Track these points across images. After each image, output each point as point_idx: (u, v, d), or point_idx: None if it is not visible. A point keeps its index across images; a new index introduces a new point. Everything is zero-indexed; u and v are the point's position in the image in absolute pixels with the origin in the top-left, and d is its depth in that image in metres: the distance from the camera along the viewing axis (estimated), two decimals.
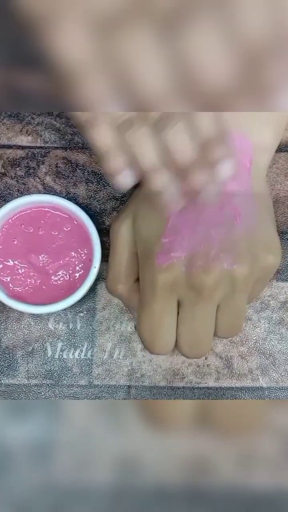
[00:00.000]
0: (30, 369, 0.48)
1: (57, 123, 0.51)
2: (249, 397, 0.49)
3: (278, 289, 0.50)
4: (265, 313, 0.49)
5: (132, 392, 0.48)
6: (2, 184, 0.50)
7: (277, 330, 0.49)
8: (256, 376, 0.49)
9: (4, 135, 0.51)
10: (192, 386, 0.49)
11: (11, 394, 0.48)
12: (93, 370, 0.48)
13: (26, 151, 0.50)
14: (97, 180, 0.50)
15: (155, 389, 0.48)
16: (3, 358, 0.48)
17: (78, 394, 0.48)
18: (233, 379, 0.49)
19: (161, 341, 0.43)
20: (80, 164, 0.50)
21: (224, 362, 0.49)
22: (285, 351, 0.49)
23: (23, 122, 0.51)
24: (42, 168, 0.50)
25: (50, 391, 0.48)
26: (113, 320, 0.49)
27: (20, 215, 0.47)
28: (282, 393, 0.49)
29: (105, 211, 0.50)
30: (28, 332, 0.49)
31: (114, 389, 0.48)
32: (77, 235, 0.46)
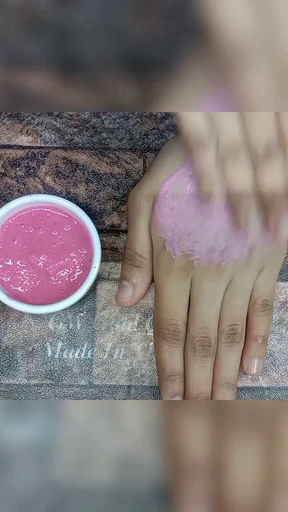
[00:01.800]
0: (30, 369, 0.48)
1: (57, 123, 0.51)
2: (249, 397, 0.49)
3: (278, 289, 0.50)
4: None
5: (132, 392, 0.48)
6: (2, 184, 0.50)
7: (277, 330, 0.49)
8: (256, 376, 0.49)
9: (4, 135, 0.51)
10: None
11: (11, 394, 0.48)
12: (93, 370, 0.48)
13: (26, 151, 0.50)
14: (97, 180, 0.50)
15: (155, 389, 0.48)
16: (3, 358, 0.48)
17: (78, 394, 0.48)
18: None
19: (176, 311, 0.46)
20: (80, 164, 0.50)
21: None
22: (285, 351, 0.49)
23: (23, 122, 0.51)
24: (42, 168, 0.50)
25: (50, 391, 0.48)
26: (113, 320, 0.49)
27: (20, 215, 0.47)
28: (282, 393, 0.49)
29: (105, 211, 0.50)
30: (28, 332, 0.49)
31: (114, 389, 0.48)
32: (77, 235, 0.46)
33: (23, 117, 0.51)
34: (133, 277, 0.47)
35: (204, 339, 0.45)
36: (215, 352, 0.46)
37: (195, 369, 0.45)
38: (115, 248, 0.50)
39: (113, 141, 0.51)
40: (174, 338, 0.46)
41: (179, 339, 0.46)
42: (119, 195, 0.50)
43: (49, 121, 0.51)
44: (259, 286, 0.46)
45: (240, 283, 0.46)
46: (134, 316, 0.49)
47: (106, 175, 0.50)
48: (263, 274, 0.46)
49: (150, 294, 0.49)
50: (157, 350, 0.47)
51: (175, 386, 0.45)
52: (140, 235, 0.47)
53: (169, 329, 0.46)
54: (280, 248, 0.46)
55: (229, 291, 0.46)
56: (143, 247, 0.47)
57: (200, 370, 0.45)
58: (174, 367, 0.46)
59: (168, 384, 0.45)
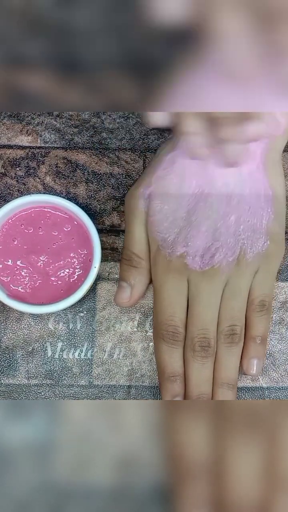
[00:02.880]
0: (30, 369, 0.48)
1: (57, 123, 0.51)
2: (249, 397, 0.49)
3: (278, 289, 0.50)
4: None
5: (132, 392, 0.48)
6: (2, 184, 0.50)
7: (277, 330, 0.49)
8: (256, 376, 0.49)
9: (4, 135, 0.51)
10: None
11: (11, 394, 0.48)
12: (93, 370, 0.48)
13: (26, 151, 0.50)
14: (97, 180, 0.50)
15: (155, 389, 0.48)
16: (3, 358, 0.48)
17: (78, 394, 0.48)
18: None
19: (175, 313, 0.46)
20: (80, 164, 0.50)
21: None
22: (285, 351, 0.49)
23: (23, 122, 0.51)
24: (42, 168, 0.50)
25: (50, 391, 0.48)
26: (113, 320, 0.49)
27: (20, 215, 0.47)
28: (282, 393, 0.49)
29: (105, 211, 0.50)
30: (28, 332, 0.49)
31: (114, 389, 0.48)
32: (77, 235, 0.46)
33: (23, 117, 0.51)
34: (131, 278, 0.47)
35: (204, 340, 0.45)
36: (214, 352, 0.46)
37: (195, 370, 0.45)
38: (115, 248, 0.50)
39: (113, 141, 0.51)
40: (174, 339, 0.46)
41: (179, 340, 0.46)
42: (119, 195, 0.50)
43: (49, 121, 0.51)
44: (256, 286, 0.46)
45: (236, 284, 0.46)
46: (134, 316, 0.49)
47: (106, 175, 0.50)
48: (259, 275, 0.46)
49: (150, 294, 0.49)
50: (157, 351, 0.47)
51: (176, 387, 0.45)
52: (136, 235, 0.47)
53: (168, 330, 0.46)
54: (276, 247, 0.46)
55: (226, 293, 0.46)
56: (140, 247, 0.47)
57: (200, 371, 0.45)
58: (174, 368, 0.46)
59: (168, 385, 0.45)
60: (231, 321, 0.46)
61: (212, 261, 0.45)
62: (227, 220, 0.45)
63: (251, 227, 0.45)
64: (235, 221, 0.45)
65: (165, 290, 0.46)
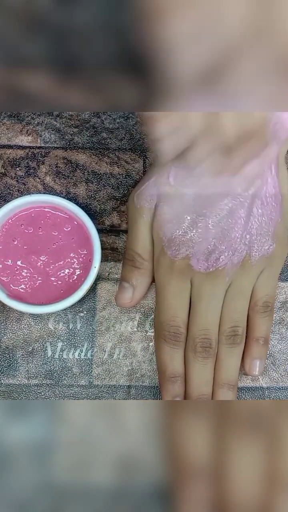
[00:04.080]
0: (30, 369, 0.48)
1: (57, 123, 0.51)
2: (249, 397, 0.49)
3: (278, 289, 0.50)
4: None
5: (132, 392, 0.48)
6: (2, 184, 0.50)
7: (277, 330, 0.49)
8: (256, 376, 0.49)
9: (4, 135, 0.51)
10: None
11: (11, 394, 0.48)
12: (93, 370, 0.48)
13: (26, 151, 0.50)
14: (97, 180, 0.50)
15: (155, 389, 0.48)
16: (3, 358, 0.48)
17: (78, 394, 0.48)
18: None
19: (178, 314, 0.46)
20: (80, 164, 0.50)
21: None
22: (285, 351, 0.49)
23: (23, 122, 0.51)
24: (42, 168, 0.50)
25: (50, 391, 0.48)
26: (113, 320, 0.49)
27: (20, 215, 0.47)
28: (282, 393, 0.49)
29: (105, 211, 0.50)
30: (28, 332, 0.49)
31: (114, 389, 0.48)
32: (77, 235, 0.46)
33: (23, 117, 0.51)
34: (133, 279, 0.47)
35: (205, 340, 0.45)
36: (215, 353, 0.46)
37: (195, 370, 0.45)
38: (115, 248, 0.50)
39: (113, 141, 0.51)
40: (175, 339, 0.46)
41: (180, 340, 0.46)
42: (119, 195, 0.50)
43: (49, 121, 0.51)
44: (260, 287, 0.46)
45: (239, 285, 0.45)
46: (134, 316, 0.49)
47: (106, 175, 0.50)
48: (263, 276, 0.46)
49: (150, 294, 0.49)
50: (157, 351, 0.47)
51: (176, 387, 0.45)
52: (140, 236, 0.47)
53: (170, 330, 0.45)
54: (281, 249, 0.46)
55: (229, 294, 0.46)
56: (143, 248, 0.47)
57: (201, 372, 0.45)
58: (175, 369, 0.46)
59: (169, 386, 0.45)
60: (233, 322, 0.46)
61: (217, 263, 0.45)
62: (234, 223, 0.44)
63: (259, 230, 0.45)
64: (243, 224, 0.45)
65: (168, 291, 0.46)
